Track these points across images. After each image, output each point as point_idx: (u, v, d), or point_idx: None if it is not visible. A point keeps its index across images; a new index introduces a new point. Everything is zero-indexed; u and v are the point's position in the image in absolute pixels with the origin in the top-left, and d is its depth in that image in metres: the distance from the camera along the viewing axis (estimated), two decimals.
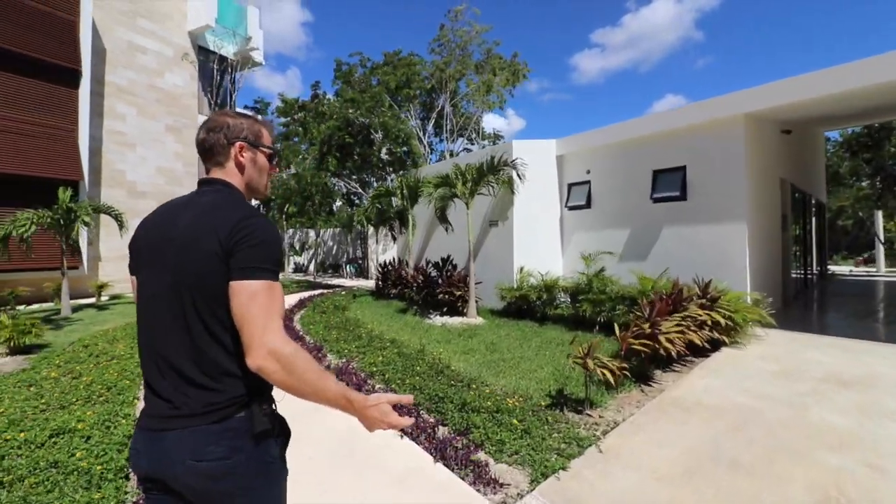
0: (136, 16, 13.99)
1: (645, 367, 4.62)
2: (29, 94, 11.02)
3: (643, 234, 8.03)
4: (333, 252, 22.55)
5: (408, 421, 1.16)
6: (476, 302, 8.31)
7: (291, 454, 1.30)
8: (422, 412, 3.80)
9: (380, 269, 11.43)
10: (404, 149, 15.17)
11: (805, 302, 9.60)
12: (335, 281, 17.49)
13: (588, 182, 9.01)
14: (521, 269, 8.56)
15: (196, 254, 1.10)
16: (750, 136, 7.07)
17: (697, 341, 4.88)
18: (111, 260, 13.15)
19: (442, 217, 9.44)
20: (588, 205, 8.94)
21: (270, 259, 1.11)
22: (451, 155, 16.80)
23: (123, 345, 6.29)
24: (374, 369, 5.04)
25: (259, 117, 1.41)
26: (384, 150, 15.60)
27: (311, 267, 22.01)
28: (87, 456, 2.98)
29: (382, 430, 1.15)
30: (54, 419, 3.62)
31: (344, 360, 5.51)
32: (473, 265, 8.29)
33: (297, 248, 23.33)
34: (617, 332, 4.56)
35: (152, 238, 1.20)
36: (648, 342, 4.39)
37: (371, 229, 15.23)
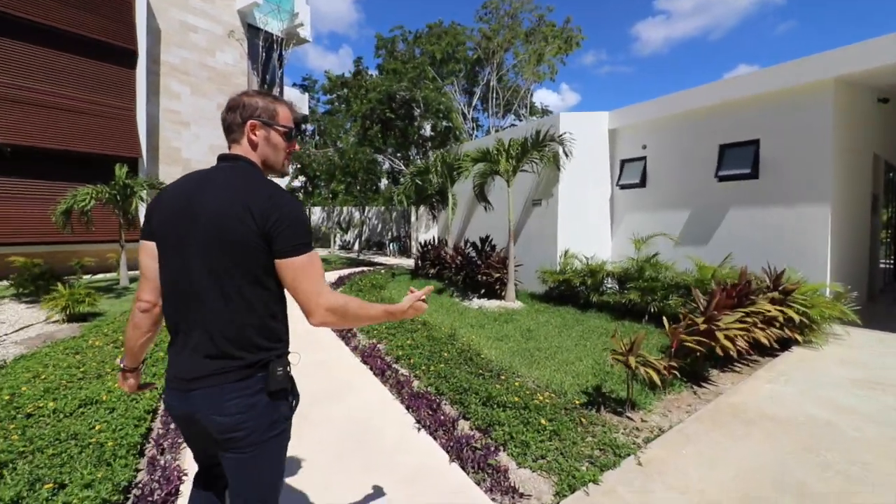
0: None
1: (698, 365, 4.11)
2: (89, 74, 11.58)
3: (705, 215, 7.25)
4: (378, 230, 22.73)
5: (423, 306, 1.50)
6: (516, 285, 7.93)
7: (301, 442, 1.22)
8: (444, 404, 3.55)
9: (419, 249, 11.26)
10: (446, 123, 14.66)
11: (895, 297, 8.43)
12: (378, 259, 17.60)
13: (643, 158, 8.24)
14: (566, 251, 8.04)
15: (228, 232, 1.19)
16: (839, 105, 6.09)
17: (764, 340, 4.28)
18: None
19: (480, 195, 9.03)
20: (642, 183, 8.20)
21: (307, 233, 1.26)
22: (497, 132, 16.33)
23: None
24: (401, 353, 4.85)
25: (278, 96, 1.43)
26: (426, 126, 15.15)
27: (357, 245, 22.35)
28: (106, 429, 2.98)
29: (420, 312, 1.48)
30: (87, 388, 3.70)
31: (372, 341, 5.37)
32: (514, 246, 7.88)
33: (344, 226, 23.72)
34: (667, 325, 4.06)
35: (177, 209, 1.27)
36: (704, 339, 3.87)
37: (412, 208, 15.10)
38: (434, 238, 11.43)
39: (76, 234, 9.09)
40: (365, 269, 13.04)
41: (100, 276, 11.30)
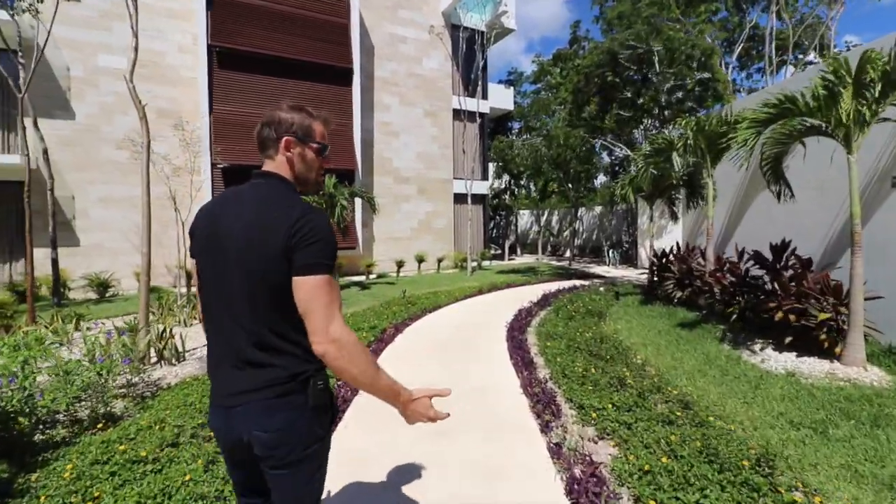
0: (397, 8, 14.48)
1: None
2: (314, 95, 12.49)
3: None
4: (594, 234, 19.63)
5: (444, 414, 1.35)
6: (866, 336, 4.24)
7: None
8: None
9: (654, 260, 8.10)
10: (702, 75, 10.42)
11: None
12: (594, 269, 14.69)
13: None
14: None
15: (260, 251, 1.17)
16: None
17: None
18: (382, 241, 14.22)
19: (773, 173, 5.46)
20: None
21: (328, 255, 1.19)
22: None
23: None
24: (644, 487, 2.32)
25: (312, 111, 1.38)
26: (668, 85, 11.07)
27: (568, 251, 19.77)
28: None
29: (423, 422, 1.32)
30: None
31: (591, 432, 2.97)
32: (859, 260, 4.22)
33: (554, 229, 21.47)
34: None
35: (214, 228, 1.26)
36: None
37: (641, 204, 11.64)
38: (678, 244, 8.06)
39: None
40: (577, 283, 10.49)
41: None
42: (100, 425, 3.40)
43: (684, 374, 4.23)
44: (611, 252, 15.33)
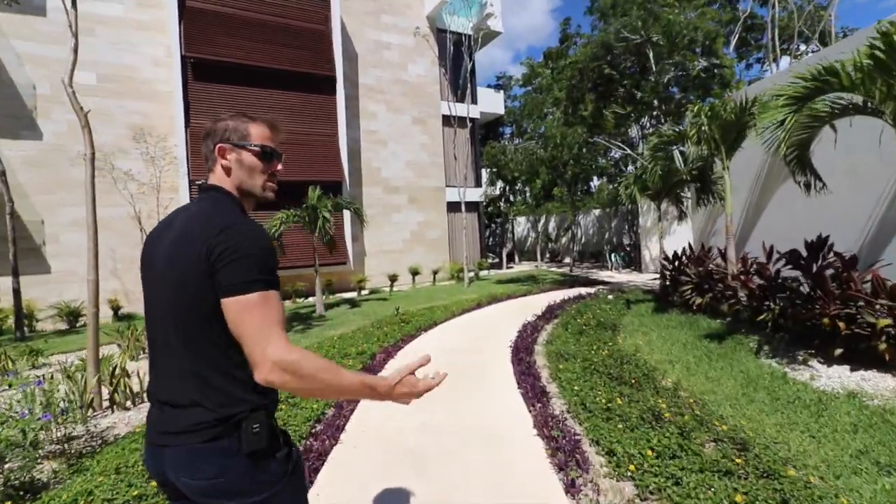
0: (379, 13, 14.03)
1: None
2: (296, 105, 11.92)
3: None
4: (594, 238, 19.05)
5: (438, 379, 1.19)
6: None
7: None
8: None
9: (666, 263, 7.48)
10: (704, 62, 9.72)
11: None
12: (596, 274, 14.08)
13: None
14: None
15: (180, 271, 1.07)
16: None
17: None
18: (373, 255, 13.56)
19: (799, 161, 4.89)
20: None
21: (259, 268, 1.04)
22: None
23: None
24: None
25: (253, 116, 1.25)
26: (668, 75, 10.34)
27: (568, 257, 19.18)
28: None
29: (418, 398, 1.18)
30: None
31: (629, 490, 2.31)
32: None
33: (553, 235, 20.89)
34: None
35: (150, 251, 1.18)
36: None
37: (645, 203, 11.04)
38: (690, 245, 7.45)
39: (281, 259, 8.87)
40: (581, 290, 9.86)
41: (311, 299, 11.29)
42: (8, 503, 2.71)
43: (727, 401, 3.57)
44: (613, 256, 14.74)
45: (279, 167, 1.29)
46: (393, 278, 12.75)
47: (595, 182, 19.41)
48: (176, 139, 10.58)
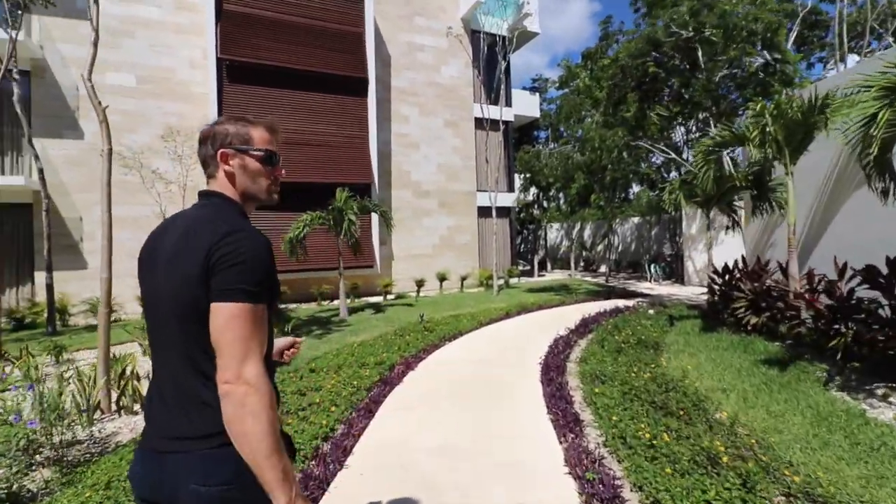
0: (413, 16, 13.86)
1: None
2: (328, 107, 11.86)
3: None
4: (631, 247, 18.18)
5: None
6: None
7: None
8: None
9: (715, 277, 6.82)
10: (766, 57, 8.66)
11: None
12: (635, 286, 13.32)
13: None
14: None
15: (179, 276, 1.05)
16: None
17: None
18: (401, 259, 13.32)
19: (878, 165, 4.23)
20: None
21: (251, 279, 1.02)
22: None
23: (335, 380, 4.55)
24: None
25: (253, 119, 1.23)
26: (721, 73, 9.37)
27: (603, 266, 18.38)
28: None
29: None
30: None
31: None
32: None
33: (587, 243, 20.11)
34: None
35: (149, 255, 1.16)
36: None
37: (690, 211, 10.25)
38: (743, 258, 6.77)
39: (306, 261, 8.77)
40: (619, 303, 9.24)
41: (336, 302, 11.13)
42: None
43: (795, 442, 3.02)
44: (652, 267, 13.92)
45: (282, 171, 1.27)
46: (420, 283, 12.46)
47: (635, 189, 18.51)
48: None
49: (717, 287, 6.61)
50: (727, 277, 6.56)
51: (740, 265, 6.47)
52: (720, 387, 4.13)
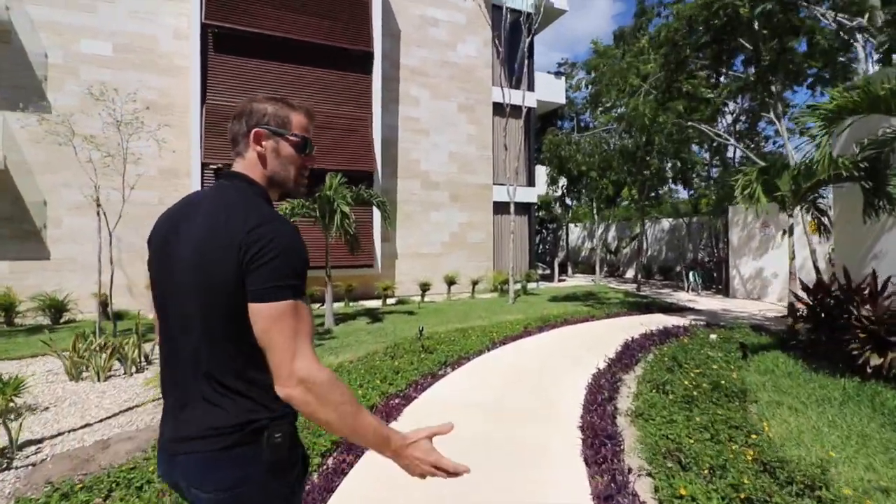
0: None
1: None
2: (326, 84, 10.49)
3: None
4: (662, 251, 16.43)
5: (462, 467, 0.99)
6: None
7: None
8: None
9: (800, 294, 5.20)
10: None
11: None
12: (672, 295, 11.65)
13: None
14: None
15: (209, 271, 0.98)
16: None
17: None
18: (406, 257, 11.89)
19: None
20: None
21: (291, 273, 0.96)
22: None
23: None
24: None
25: (292, 102, 1.15)
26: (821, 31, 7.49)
27: (631, 270, 16.67)
28: None
29: (431, 475, 1.00)
30: None
31: None
32: None
33: (612, 246, 18.39)
34: None
35: (167, 240, 1.08)
36: None
37: (743, 211, 8.53)
38: (844, 270, 5.13)
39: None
40: (663, 318, 7.63)
41: (338, 304, 9.73)
42: None
43: None
44: (692, 274, 12.21)
45: (314, 161, 1.22)
46: (425, 287, 11.00)
47: (679, 188, 16.64)
48: (190, 116, 9.45)
49: (809, 309, 4.98)
50: (821, 294, 4.93)
51: (842, 281, 4.84)
52: (859, 475, 2.56)
